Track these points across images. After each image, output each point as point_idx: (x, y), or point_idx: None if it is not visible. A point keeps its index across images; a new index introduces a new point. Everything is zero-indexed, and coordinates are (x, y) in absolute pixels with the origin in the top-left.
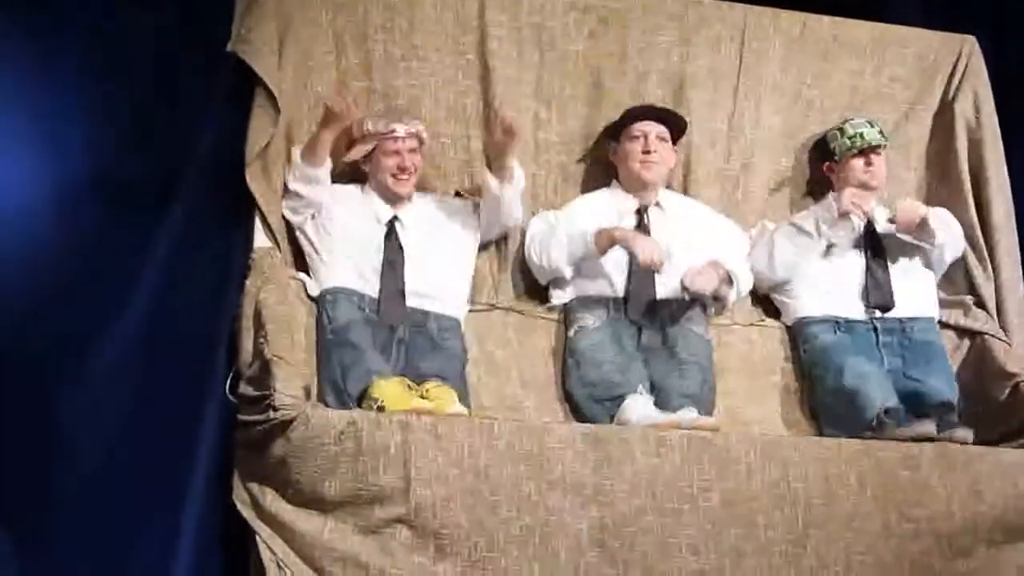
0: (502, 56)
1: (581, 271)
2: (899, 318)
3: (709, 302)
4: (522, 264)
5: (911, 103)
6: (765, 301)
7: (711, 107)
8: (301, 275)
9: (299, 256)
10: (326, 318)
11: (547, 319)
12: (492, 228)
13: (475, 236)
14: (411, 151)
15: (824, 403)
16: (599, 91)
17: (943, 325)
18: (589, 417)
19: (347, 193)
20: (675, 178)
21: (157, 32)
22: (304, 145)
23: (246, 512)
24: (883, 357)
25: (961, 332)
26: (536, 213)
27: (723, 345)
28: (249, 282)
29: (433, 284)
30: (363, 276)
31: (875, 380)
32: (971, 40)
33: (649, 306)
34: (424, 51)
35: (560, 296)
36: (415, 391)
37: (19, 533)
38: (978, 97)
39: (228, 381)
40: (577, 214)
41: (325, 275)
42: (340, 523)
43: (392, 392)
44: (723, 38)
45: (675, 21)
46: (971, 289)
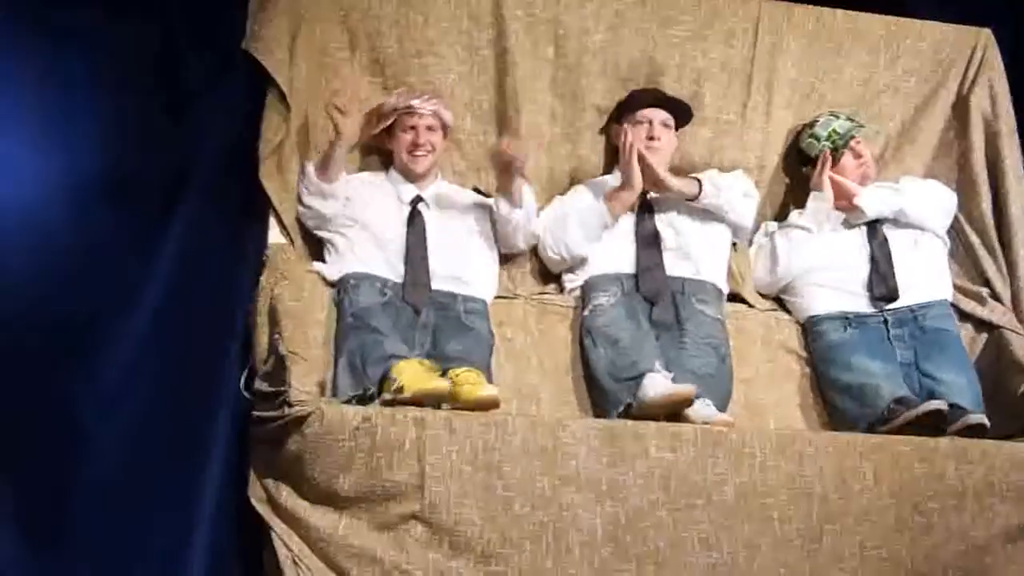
0: (518, 51)
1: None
2: (910, 306)
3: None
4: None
5: (926, 96)
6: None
7: (725, 100)
8: (317, 264)
9: (313, 248)
10: (347, 301)
11: (565, 306)
12: (504, 244)
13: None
14: (428, 128)
15: (834, 401)
16: (616, 85)
17: (961, 315)
18: (608, 396)
19: (369, 181)
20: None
21: (171, 29)
22: (318, 160)
23: (261, 508)
24: (895, 350)
25: (978, 324)
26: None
27: (741, 331)
28: (263, 278)
29: (459, 265)
30: (387, 260)
31: (885, 376)
32: (986, 32)
33: (660, 280)
34: (438, 47)
35: (573, 280)
36: (435, 370)
37: (34, 529)
38: (994, 90)
39: (243, 377)
40: (582, 195)
41: (349, 260)
42: (355, 519)
43: (411, 372)
44: (737, 32)
45: (689, 15)
46: (986, 282)
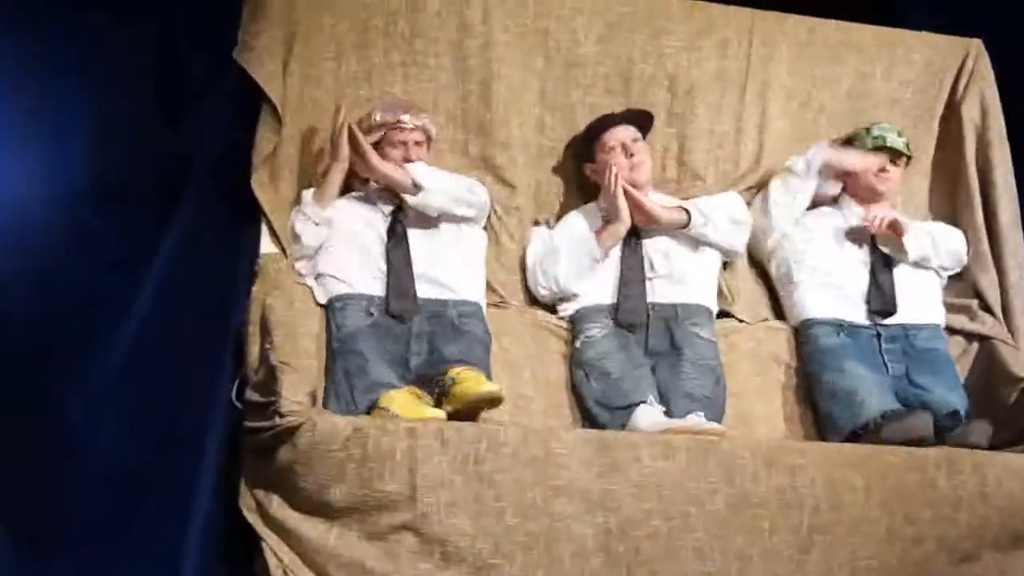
0: (507, 61)
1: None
2: (903, 324)
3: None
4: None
5: (919, 107)
6: (771, 301)
7: (718, 111)
8: (309, 281)
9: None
10: (335, 326)
11: (559, 325)
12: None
13: (481, 235)
14: (417, 144)
15: (822, 407)
16: (606, 96)
17: (950, 331)
18: (601, 426)
19: (348, 203)
20: (679, 184)
21: (164, 36)
22: (315, 189)
23: (252, 518)
24: (886, 363)
25: (968, 336)
26: (539, 222)
27: (730, 345)
28: (255, 288)
29: (447, 271)
30: (371, 276)
31: (874, 384)
32: (977, 43)
33: (641, 311)
34: (424, 56)
35: (566, 308)
36: (425, 400)
37: (25, 537)
38: (985, 100)
39: (234, 387)
40: (574, 228)
41: (332, 283)
42: (346, 529)
43: (402, 400)
44: (730, 42)
45: (682, 25)
46: (976, 293)
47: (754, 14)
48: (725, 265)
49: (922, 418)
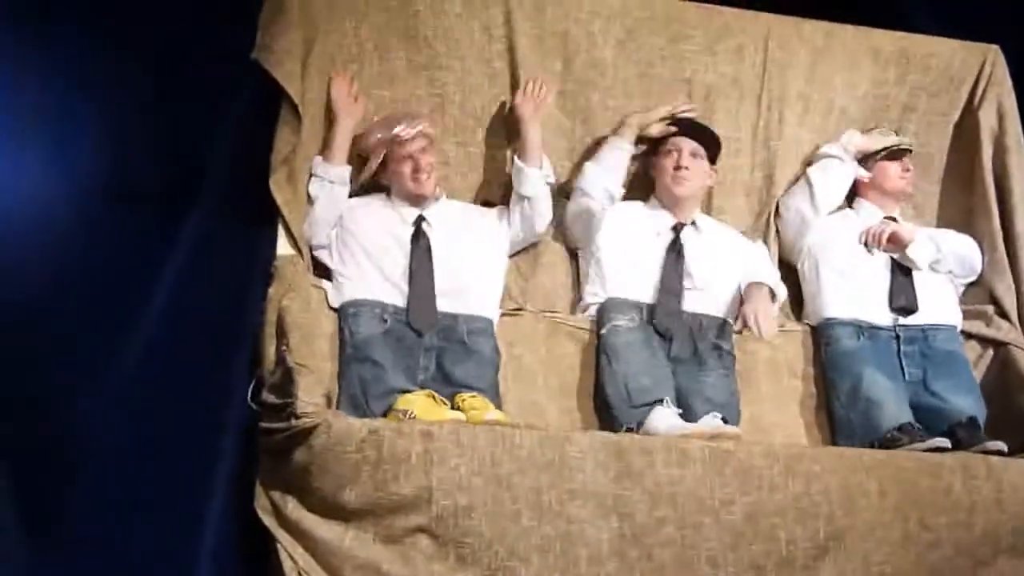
0: (526, 64)
1: (614, 273)
2: (921, 326)
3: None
4: (550, 269)
5: (935, 113)
6: (789, 304)
7: (735, 117)
8: (324, 283)
9: (320, 263)
10: (347, 332)
11: (576, 327)
12: (522, 231)
13: (504, 241)
14: (422, 151)
15: (838, 411)
16: (625, 100)
17: (966, 336)
18: (618, 419)
19: (370, 202)
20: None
21: (182, 37)
22: (323, 147)
23: (267, 520)
24: (904, 368)
25: (984, 342)
26: None
27: (746, 352)
28: (272, 290)
29: (463, 283)
30: (388, 283)
31: (892, 395)
32: (995, 49)
33: (676, 317)
34: (447, 59)
35: (596, 294)
36: (444, 404)
37: (39, 538)
38: (1002, 106)
39: (250, 389)
40: (615, 215)
41: (348, 288)
42: (361, 531)
43: (422, 404)
44: (747, 47)
45: (699, 30)
46: (992, 299)
47: (771, 19)
48: None
49: (941, 444)
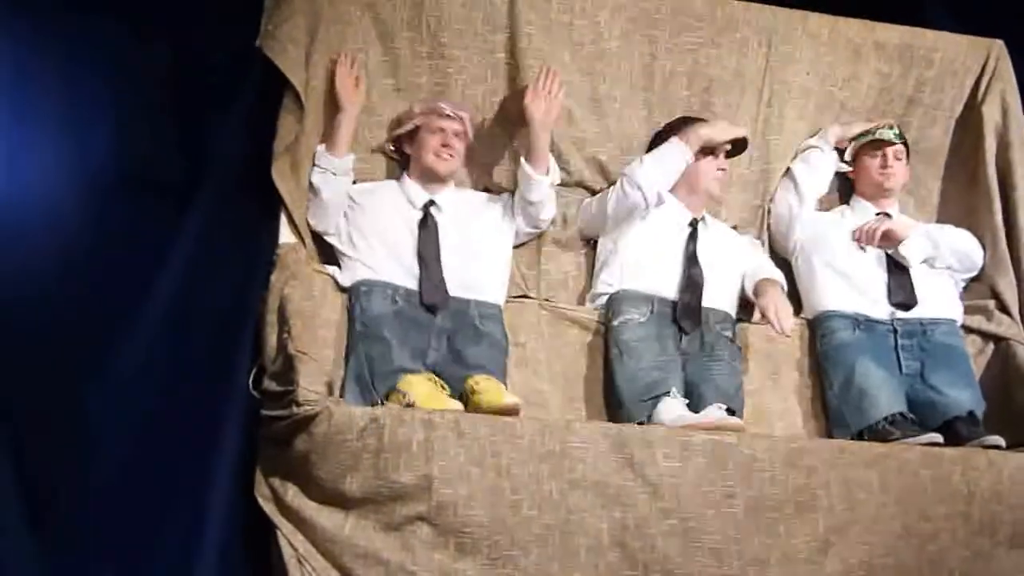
0: (531, 54)
1: (632, 264)
2: (920, 320)
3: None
4: (554, 259)
5: (939, 107)
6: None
7: (736, 110)
8: (329, 268)
9: (325, 248)
10: (358, 309)
11: (581, 316)
12: (526, 227)
13: (511, 228)
14: (456, 135)
15: (831, 401)
16: (629, 91)
17: (967, 330)
18: (627, 413)
19: (379, 187)
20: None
21: (187, 27)
22: (325, 135)
23: (268, 507)
24: (900, 361)
25: (985, 337)
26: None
27: (746, 343)
28: (274, 278)
29: (472, 270)
30: (399, 265)
31: (885, 385)
32: (999, 44)
33: (696, 314)
34: (451, 49)
35: (609, 284)
36: (445, 390)
37: (43, 526)
38: (1006, 101)
39: (251, 376)
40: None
41: (359, 269)
42: (361, 519)
43: (423, 390)
44: (750, 40)
45: (703, 22)
46: (994, 294)
47: (776, 12)
48: None
49: (934, 440)
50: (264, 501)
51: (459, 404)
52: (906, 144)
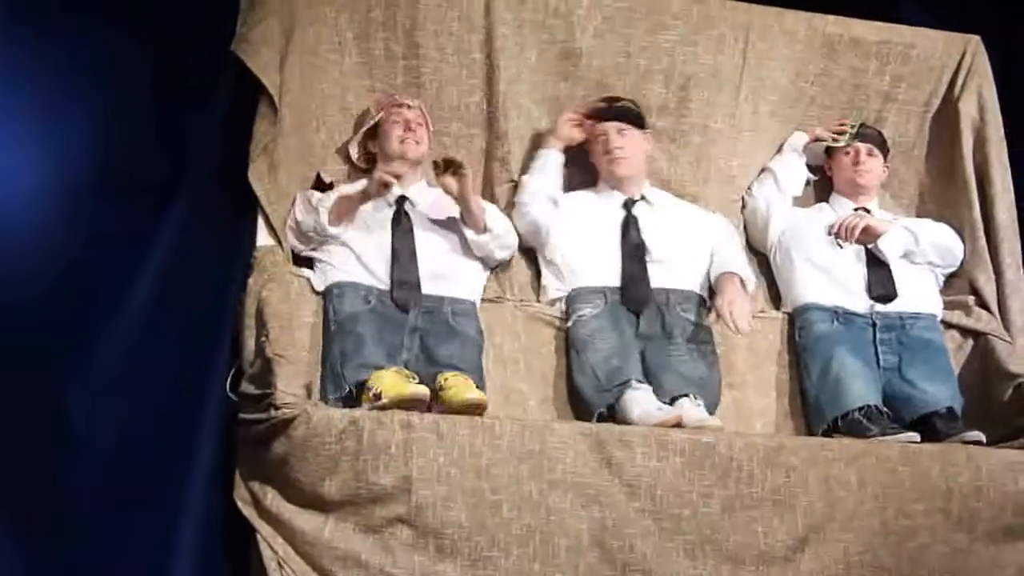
0: (504, 54)
1: (574, 265)
2: (899, 313)
3: None
4: (523, 260)
5: (915, 103)
6: (769, 290)
7: (713, 107)
8: (305, 271)
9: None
10: (332, 311)
11: (551, 316)
12: (485, 265)
13: None
14: (418, 124)
15: (809, 391)
16: (602, 90)
17: (946, 326)
18: (590, 406)
19: (354, 188)
20: (671, 177)
21: (163, 30)
22: (335, 204)
23: (247, 511)
24: (879, 354)
25: (964, 332)
26: None
27: (726, 338)
28: (251, 280)
29: (446, 266)
30: (372, 268)
31: (861, 376)
32: (975, 40)
33: (644, 292)
34: (426, 49)
35: (559, 289)
36: (412, 379)
37: (22, 527)
38: (983, 96)
39: (229, 379)
40: (564, 210)
41: (332, 272)
42: (341, 522)
43: (388, 380)
44: (727, 38)
45: (679, 20)
46: (973, 289)
47: (751, 9)
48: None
49: (911, 439)
50: (243, 504)
51: (425, 388)
52: (882, 140)
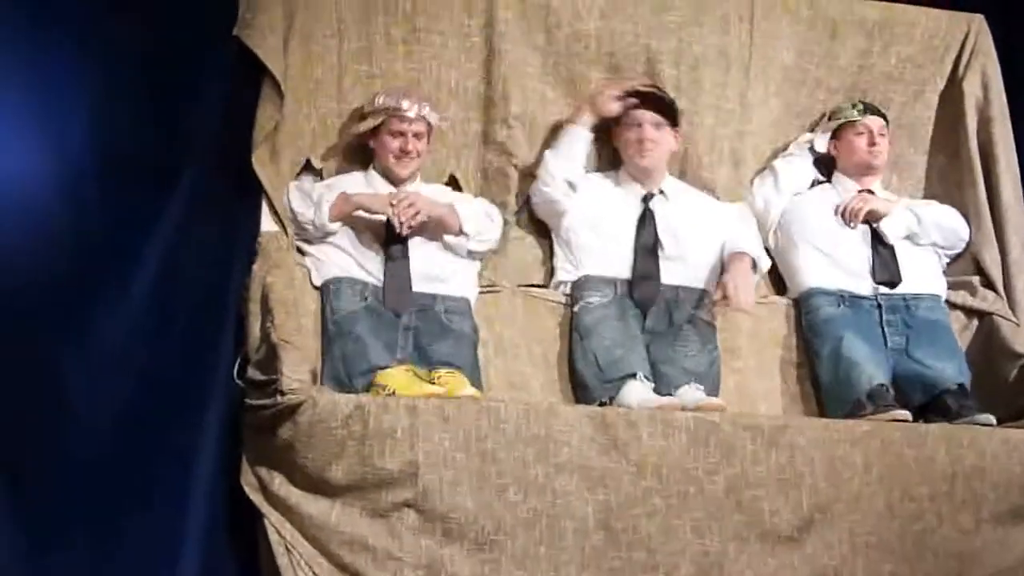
0: (508, 38)
1: (586, 251)
2: (903, 295)
3: None
4: (520, 244)
5: (920, 83)
6: (772, 276)
7: (721, 87)
8: (307, 261)
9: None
10: (329, 309)
11: (553, 301)
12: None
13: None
14: (416, 135)
15: (823, 377)
16: (617, 72)
17: (951, 306)
18: (592, 394)
19: (344, 180)
20: (686, 159)
21: (166, 11)
22: (336, 202)
23: (254, 496)
24: (886, 336)
25: (969, 312)
26: None
27: (731, 323)
28: (256, 266)
29: (439, 265)
30: (366, 264)
31: (870, 357)
32: (979, 19)
33: (654, 289)
34: (426, 34)
35: (568, 272)
36: (423, 378)
37: (25, 513)
38: (987, 76)
39: (235, 365)
40: (583, 192)
41: (327, 267)
42: (348, 507)
43: (401, 380)
44: (732, 18)
45: (683, 1)
46: (978, 269)
47: None
48: None
49: (901, 417)
50: (250, 490)
51: (440, 388)
52: (886, 120)
